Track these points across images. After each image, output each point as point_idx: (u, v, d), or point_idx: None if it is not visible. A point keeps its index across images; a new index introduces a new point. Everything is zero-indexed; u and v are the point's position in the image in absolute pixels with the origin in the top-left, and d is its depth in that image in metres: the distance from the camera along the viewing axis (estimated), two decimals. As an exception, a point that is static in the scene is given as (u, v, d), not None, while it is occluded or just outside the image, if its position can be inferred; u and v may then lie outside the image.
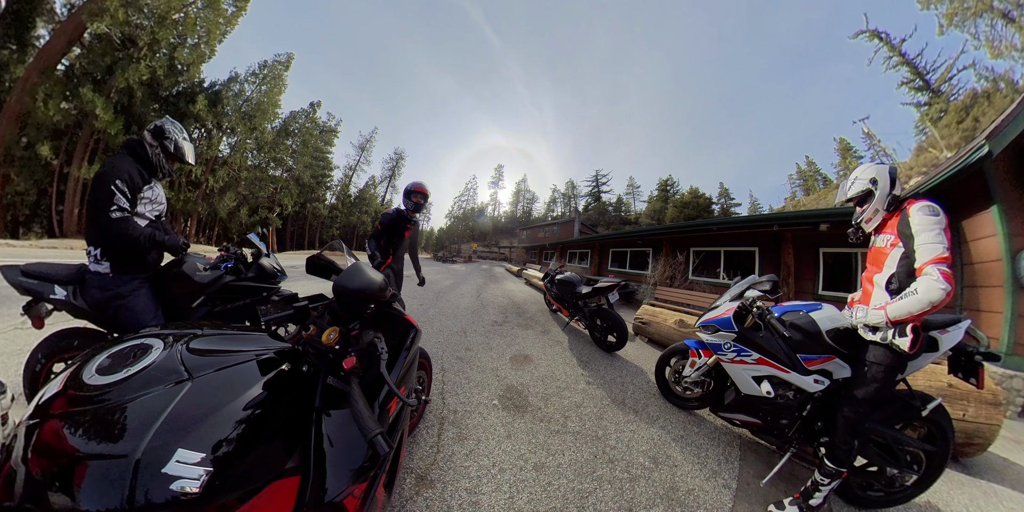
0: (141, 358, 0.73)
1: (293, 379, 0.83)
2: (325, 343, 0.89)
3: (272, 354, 0.85)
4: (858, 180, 1.53)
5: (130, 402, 0.62)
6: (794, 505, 1.55)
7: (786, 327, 1.72)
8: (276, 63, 25.32)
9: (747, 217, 6.86)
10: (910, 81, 17.76)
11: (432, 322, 4.14)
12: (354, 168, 46.54)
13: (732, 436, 2.28)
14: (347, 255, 1.28)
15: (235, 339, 0.88)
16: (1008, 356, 2.95)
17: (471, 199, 67.30)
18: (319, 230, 40.87)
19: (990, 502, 1.91)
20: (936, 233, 1.27)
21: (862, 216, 1.54)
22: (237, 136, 24.04)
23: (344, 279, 0.97)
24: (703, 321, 2.07)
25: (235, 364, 0.77)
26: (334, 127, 37.59)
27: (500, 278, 12.01)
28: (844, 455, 1.51)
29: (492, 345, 3.47)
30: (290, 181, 31.36)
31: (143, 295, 1.60)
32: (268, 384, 0.76)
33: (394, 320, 1.35)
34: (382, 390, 0.99)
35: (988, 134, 3.04)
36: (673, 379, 2.57)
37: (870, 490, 1.72)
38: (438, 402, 2.16)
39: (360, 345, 0.96)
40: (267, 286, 2.12)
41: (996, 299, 3.11)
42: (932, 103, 16.56)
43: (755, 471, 1.93)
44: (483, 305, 5.79)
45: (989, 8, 12.83)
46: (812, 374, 1.68)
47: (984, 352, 1.55)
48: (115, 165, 1.50)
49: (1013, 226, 3.05)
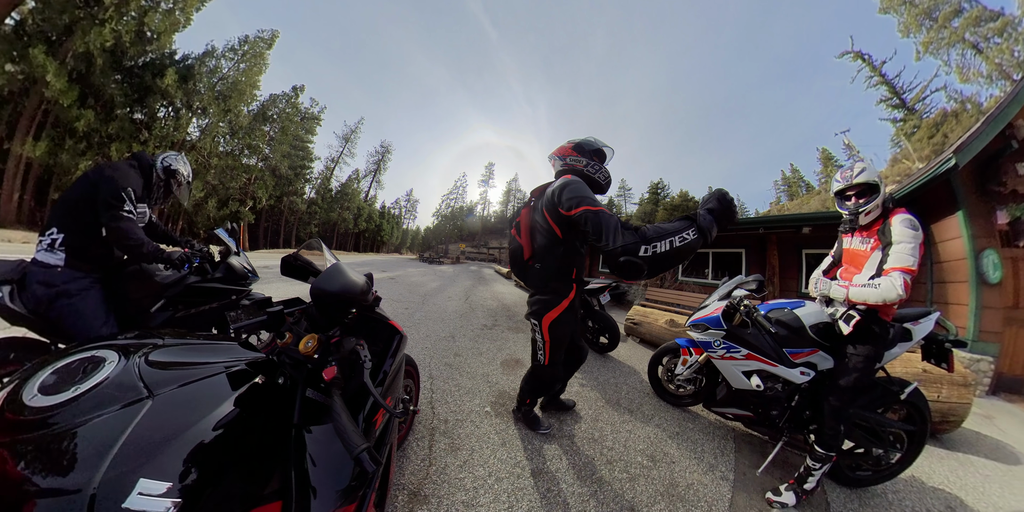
0: (92, 374, 0.65)
1: (268, 393, 0.78)
2: (303, 352, 0.83)
3: (244, 366, 0.79)
4: (867, 170, 1.58)
5: (81, 426, 0.55)
6: (790, 490, 1.65)
7: (772, 324, 1.84)
8: (258, 39, 23.10)
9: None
10: (888, 99, 20.25)
11: (418, 327, 4.04)
12: (337, 160, 43.48)
13: (726, 430, 2.36)
14: (326, 255, 1.21)
15: (201, 349, 0.82)
16: (974, 343, 3.33)
17: (460, 198, 66.31)
18: (296, 227, 38.11)
19: (967, 471, 2.17)
20: (912, 246, 1.41)
21: (865, 207, 1.58)
22: (209, 118, 21.31)
23: (323, 281, 0.91)
24: (693, 320, 2.16)
25: (202, 378, 0.71)
26: (317, 114, 34.61)
27: (489, 280, 11.92)
28: (833, 440, 1.63)
29: (482, 350, 3.42)
30: (265, 171, 28.24)
31: (94, 296, 1.45)
32: (240, 400, 0.70)
33: (377, 326, 1.29)
34: (367, 402, 0.94)
35: (955, 148, 3.42)
36: (666, 378, 2.64)
37: (859, 470, 1.86)
38: (427, 412, 2.10)
39: (341, 353, 0.90)
40: (236, 288, 1.96)
41: (962, 293, 3.52)
42: (907, 120, 18.96)
43: (750, 461, 2.01)
44: (471, 308, 5.72)
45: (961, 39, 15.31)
46: (798, 367, 1.79)
47: (953, 340, 1.74)
48: (125, 175, 1.49)
49: (976, 229, 3.44)
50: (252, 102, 24.38)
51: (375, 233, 50.38)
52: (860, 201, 1.61)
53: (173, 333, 0.86)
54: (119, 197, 1.42)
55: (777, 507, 1.62)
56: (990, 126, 3.49)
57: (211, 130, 21.99)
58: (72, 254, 1.41)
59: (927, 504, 1.81)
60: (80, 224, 1.43)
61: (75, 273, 1.42)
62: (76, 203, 1.42)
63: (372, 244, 52.43)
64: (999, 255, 3.42)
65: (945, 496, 1.89)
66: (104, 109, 16.58)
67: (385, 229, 52.22)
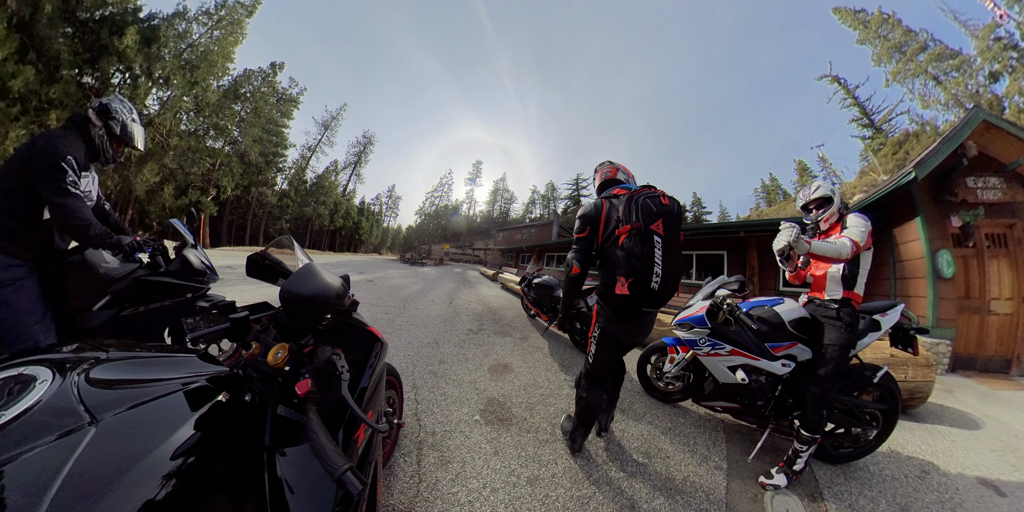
0: (20, 397, 0.55)
1: (234, 413, 0.71)
2: (272, 364, 0.77)
3: (204, 382, 0.71)
4: (821, 187, 1.95)
5: (8, 464, 0.46)
6: (781, 473, 1.79)
7: (754, 320, 1.99)
8: (238, 5, 20.23)
9: (717, 224, 7.81)
10: (859, 119, 23.36)
11: (399, 333, 3.90)
12: (314, 149, 40.03)
13: (715, 422, 2.45)
14: (298, 254, 1.12)
15: (153, 364, 0.72)
16: (934, 329, 3.95)
17: (445, 196, 63.44)
18: (265, 222, 34.58)
19: (936, 439, 2.50)
20: (861, 229, 1.74)
21: (822, 216, 1.92)
22: (172, 90, 18.21)
23: (294, 284, 0.84)
24: (679, 319, 2.27)
25: (154, 398, 0.62)
26: (296, 96, 31.51)
27: (474, 282, 11.70)
28: (816, 424, 1.80)
29: (468, 356, 3.36)
30: (233, 157, 24.90)
31: (29, 289, 1.28)
32: (202, 422, 0.63)
33: (355, 333, 1.22)
34: (346, 417, 0.88)
35: (915, 164, 4.06)
36: (655, 376, 2.72)
37: (841, 448, 2.06)
38: (413, 424, 2.02)
39: (315, 364, 0.84)
40: (193, 284, 1.74)
41: (921, 287, 4.16)
42: (874, 138, 21.91)
43: (741, 450, 2.11)
44: (456, 312, 5.61)
45: (924, 72, 18.54)
46: (779, 359, 1.95)
47: (916, 328, 1.99)
48: (63, 141, 1.30)
49: (932, 232, 4.11)
50: (224, 76, 21.12)
51: (353, 231, 47.00)
52: (818, 212, 1.94)
53: (119, 345, 0.75)
54: (58, 167, 1.26)
55: (771, 489, 1.74)
56: (945, 146, 4.13)
57: (173, 104, 18.63)
58: (6, 237, 1.26)
59: (904, 471, 2.04)
60: (16, 205, 1.28)
61: (10, 260, 1.26)
62: (10, 183, 1.28)
63: (349, 243, 49.43)
64: (952, 254, 4.06)
65: (919, 462, 2.16)
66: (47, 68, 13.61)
67: (364, 227, 48.70)
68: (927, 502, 1.79)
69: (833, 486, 1.85)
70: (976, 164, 4.16)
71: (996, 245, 4.24)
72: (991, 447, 2.44)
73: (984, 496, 1.88)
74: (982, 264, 4.19)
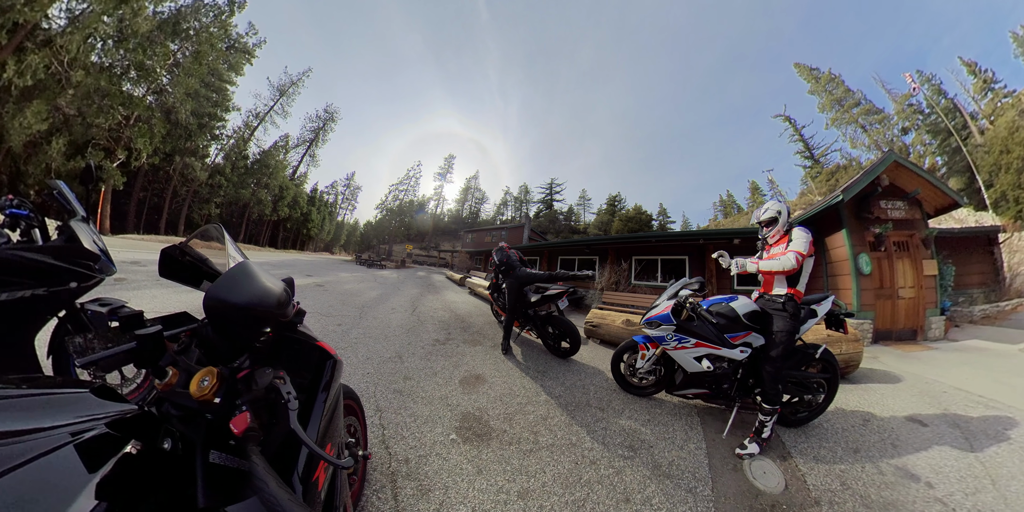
0: None
1: (150, 468, 0.54)
2: (197, 396, 0.61)
3: (104, 428, 0.52)
4: (769, 209, 2.36)
5: None
6: (752, 443, 2.10)
7: (713, 315, 2.27)
8: None
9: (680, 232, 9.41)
10: (803, 152, 32.20)
11: (356, 348, 3.55)
12: (263, 117, 33.38)
13: (689, 408, 2.68)
14: (230, 249, 0.93)
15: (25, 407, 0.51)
16: (859, 312, 5.38)
17: (412, 190, 57.64)
18: (188, 203, 27.47)
19: (871, 395, 3.15)
20: (804, 241, 2.14)
21: (770, 233, 2.35)
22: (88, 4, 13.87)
23: (223, 288, 0.68)
24: (647, 319, 2.55)
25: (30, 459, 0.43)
26: (252, 48, 25.90)
27: (440, 288, 11.12)
28: (774, 397, 2.13)
29: (436, 369, 3.19)
30: (156, 111, 18.98)
31: None
32: (105, 487, 0.45)
33: (302, 349, 1.06)
34: (299, 456, 0.75)
35: (843, 189, 5.66)
36: (628, 372, 2.92)
37: (799, 414, 2.45)
38: (382, 454, 1.83)
39: (254, 393, 0.70)
40: (78, 270, 1.34)
41: (847, 281, 5.64)
42: (813, 167, 30.91)
43: (715, 429, 2.38)
44: (420, 321, 5.31)
45: (855, 121, 26.65)
46: (738, 347, 2.28)
47: (845, 313, 2.53)
48: None
49: (854, 240, 5.67)
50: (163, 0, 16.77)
51: (300, 224, 40.30)
52: (767, 229, 2.38)
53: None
54: None
55: (747, 458, 2.02)
56: (865, 177, 5.70)
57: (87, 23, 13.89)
58: None
59: (850, 422, 2.56)
60: None
61: None
62: None
63: (295, 238, 42.26)
64: (869, 256, 5.55)
65: (860, 414, 2.72)
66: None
67: (314, 219, 41.77)
68: (872, 442, 2.26)
69: (797, 445, 2.21)
70: (887, 191, 5.80)
71: (901, 249, 5.85)
72: (910, 393, 3.18)
73: (912, 429, 2.46)
74: (891, 263, 5.71)
